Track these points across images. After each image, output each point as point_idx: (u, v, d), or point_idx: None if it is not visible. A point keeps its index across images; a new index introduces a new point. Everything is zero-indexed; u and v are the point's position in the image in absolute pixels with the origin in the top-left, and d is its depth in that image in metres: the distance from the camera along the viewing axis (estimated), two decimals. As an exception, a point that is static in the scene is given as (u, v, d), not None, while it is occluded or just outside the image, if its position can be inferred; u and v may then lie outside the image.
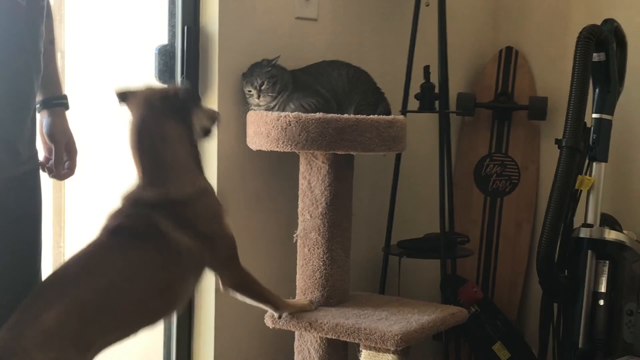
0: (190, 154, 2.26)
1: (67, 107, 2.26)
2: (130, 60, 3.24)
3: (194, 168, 2.27)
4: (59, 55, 3.23)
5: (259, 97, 2.89)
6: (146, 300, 2.14)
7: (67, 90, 2.31)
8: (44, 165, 2.21)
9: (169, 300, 2.20)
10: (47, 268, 2.24)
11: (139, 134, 2.21)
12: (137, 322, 2.14)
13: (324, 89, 2.96)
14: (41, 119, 2.20)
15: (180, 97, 2.24)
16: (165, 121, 2.22)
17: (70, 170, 2.26)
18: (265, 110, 2.91)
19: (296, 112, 2.78)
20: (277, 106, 2.91)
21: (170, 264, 2.17)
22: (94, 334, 2.01)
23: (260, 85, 2.89)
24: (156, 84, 2.84)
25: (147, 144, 2.21)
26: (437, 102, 3.40)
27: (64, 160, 2.23)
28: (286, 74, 2.95)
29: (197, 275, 2.28)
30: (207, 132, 2.38)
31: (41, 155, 2.21)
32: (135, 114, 2.23)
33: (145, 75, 2.96)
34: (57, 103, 2.23)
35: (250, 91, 2.91)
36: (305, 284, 2.89)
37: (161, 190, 2.18)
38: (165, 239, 2.14)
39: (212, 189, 2.33)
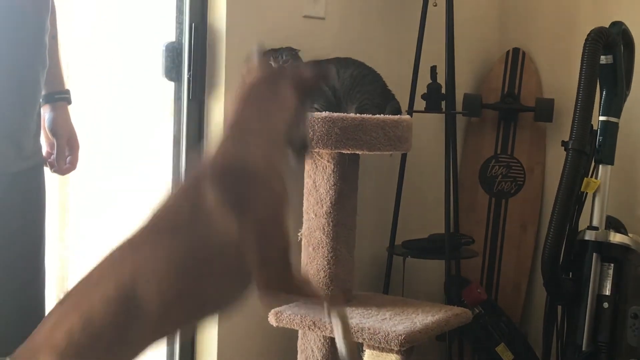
0: (285, 131, 1.94)
1: (69, 102, 2.26)
2: (137, 57, 3.24)
3: (280, 148, 1.94)
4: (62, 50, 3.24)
5: None
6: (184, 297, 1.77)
7: (72, 85, 2.31)
8: (45, 160, 2.21)
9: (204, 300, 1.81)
10: (51, 263, 2.24)
11: (256, 83, 1.96)
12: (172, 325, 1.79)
13: (327, 85, 2.96)
14: (43, 114, 2.20)
15: (310, 80, 1.97)
16: (284, 87, 1.95)
17: (72, 165, 2.26)
18: None
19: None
20: None
21: (207, 250, 1.79)
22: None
23: (285, 62, 2.90)
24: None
25: (255, 96, 1.94)
26: (443, 103, 3.40)
27: (65, 155, 2.23)
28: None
29: (236, 275, 1.84)
30: (301, 146, 2.02)
31: (43, 149, 2.21)
32: (262, 69, 1.97)
33: (152, 72, 2.96)
34: (59, 98, 2.23)
35: (271, 64, 2.91)
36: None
37: (234, 152, 1.86)
38: (206, 218, 1.78)
39: (285, 179, 1.91)
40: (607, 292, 3.15)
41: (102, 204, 3.21)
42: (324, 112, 2.76)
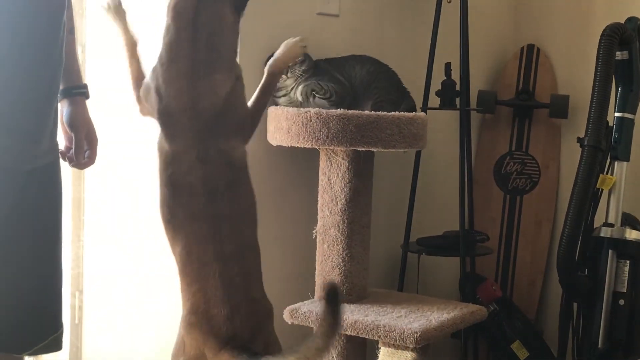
0: (233, 46, 2.33)
1: (87, 96, 2.27)
2: (151, 54, 3.24)
3: (234, 59, 2.33)
4: (79, 49, 3.24)
5: (286, 74, 2.89)
6: None
7: (87, 83, 2.31)
8: (64, 155, 2.21)
9: None
10: (67, 260, 2.24)
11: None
12: None
13: (343, 78, 2.96)
14: (61, 108, 2.20)
15: None
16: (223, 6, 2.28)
17: (91, 159, 2.26)
18: (285, 93, 2.92)
19: (317, 109, 2.77)
20: (294, 87, 2.91)
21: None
22: None
23: (300, 75, 2.91)
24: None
25: (203, 21, 2.27)
26: (457, 99, 3.39)
27: (84, 149, 2.23)
28: (311, 60, 2.97)
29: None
30: None
31: (61, 144, 2.21)
32: None
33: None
34: (77, 92, 2.23)
35: None
36: (324, 280, 2.88)
37: (209, 97, 2.23)
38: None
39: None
40: (623, 289, 3.14)
41: (117, 200, 3.22)
42: (339, 110, 2.75)
